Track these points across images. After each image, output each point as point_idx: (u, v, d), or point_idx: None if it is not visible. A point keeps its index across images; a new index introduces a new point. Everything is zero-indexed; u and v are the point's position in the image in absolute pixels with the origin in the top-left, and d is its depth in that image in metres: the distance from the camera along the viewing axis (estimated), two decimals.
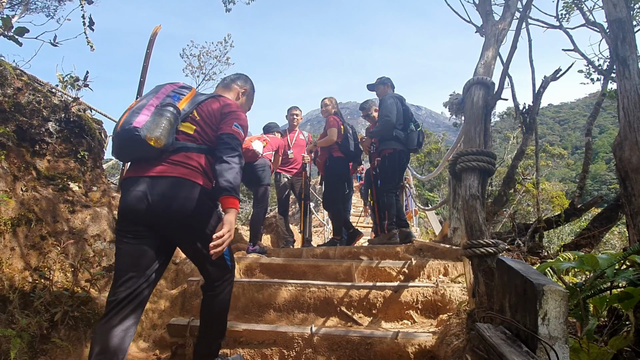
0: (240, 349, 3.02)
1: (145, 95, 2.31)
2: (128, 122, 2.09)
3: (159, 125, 2.08)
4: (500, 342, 1.08)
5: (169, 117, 2.14)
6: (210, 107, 2.39)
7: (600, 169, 40.54)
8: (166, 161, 2.16)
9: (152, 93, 2.31)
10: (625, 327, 1.39)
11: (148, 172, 2.12)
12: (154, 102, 2.21)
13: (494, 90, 2.52)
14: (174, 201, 2.10)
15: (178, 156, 2.19)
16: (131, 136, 2.05)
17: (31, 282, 2.71)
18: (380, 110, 5.38)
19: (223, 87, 2.75)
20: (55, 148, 3.37)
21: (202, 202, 2.18)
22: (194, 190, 2.16)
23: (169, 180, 2.11)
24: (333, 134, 5.68)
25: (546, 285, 1.03)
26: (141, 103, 2.20)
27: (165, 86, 2.40)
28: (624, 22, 1.94)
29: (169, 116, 2.14)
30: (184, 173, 2.16)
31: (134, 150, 2.12)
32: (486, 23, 2.88)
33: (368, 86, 5.95)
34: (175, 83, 2.46)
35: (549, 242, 8.97)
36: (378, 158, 5.63)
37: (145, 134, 2.05)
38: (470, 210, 2.19)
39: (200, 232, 2.22)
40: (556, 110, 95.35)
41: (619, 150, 1.80)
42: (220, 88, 2.75)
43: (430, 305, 3.55)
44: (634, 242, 1.64)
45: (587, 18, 4.64)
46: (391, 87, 5.75)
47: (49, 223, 2.99)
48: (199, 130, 2.32)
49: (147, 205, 2.09)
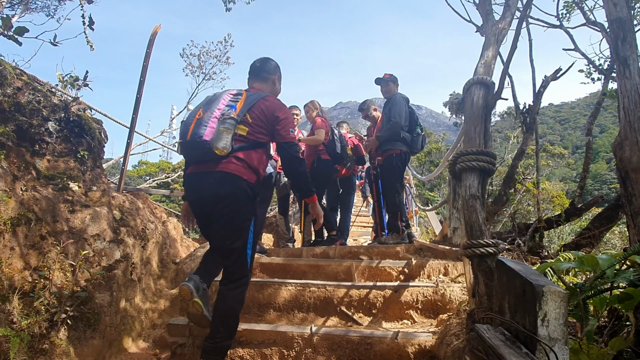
0: (240, 348, 3.02)
1: (206, 105, 2.74)
2: (197, 134, 2.58)
3: (223, 138, 2.57)
4: (499, 343, 1.07)
5: (230, 129, 2.60)
6: (259, 109, 2.76)
7: (600, 168, 40.50)
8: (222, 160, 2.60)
9: (213, 103, 2.74)
10: (625, 327, 1.38)
11: (208, 169, 2.61)
12: (216, 114, 2.64)
13: (494, 90, 2.52)
14: (220, 191, 2.58)
15: (231, 156, 2.62)
16: (202, 147, 2.56)
17: (31, 281, 2.71)
18: (393, 110, 5.36)
19: (259, 81, 3.03)
20: (55, 148, 3.37)
21: (243, 192, 2.63)
22: (238, 184, 2.61)
23: (221, 175, 2.59)
24: (321, 134, 5.67)
25: (546, 286, 1.03)
26: (206, 115, 2.65)
27: (223, 96, 2.79)
28: (625, 22, 1.93)
29: (230, 128, 2.60)
30: (233, 169, 2.61)
31: (202, 155, 2.62)
32: (486, 23, 2.87)
33: (376, 80, 5.91)
34: (230, 91, 2.86)
35: (549, 242, 8.95)
36: (379, 157, 5.61)
37: (213, 145, 2.54)
38: (470, 210, 2.19)
39: (235, 217, 2.63)
40: (557, 109, 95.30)
41: (619, 150, 1.79)
42: (255, 81, 3.03)
43: (430, 305, 3.55)
44: (634, 242, 1.64)
45: (588, 17, 4.63)
46: (397, 86, 5.75)
47: (49, 223, 2.99)
48: (250, 130, 2.71)
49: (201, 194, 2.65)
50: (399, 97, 5.42)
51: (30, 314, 2.57)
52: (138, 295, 3.54)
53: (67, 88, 3.87)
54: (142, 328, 3.44)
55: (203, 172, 2.64)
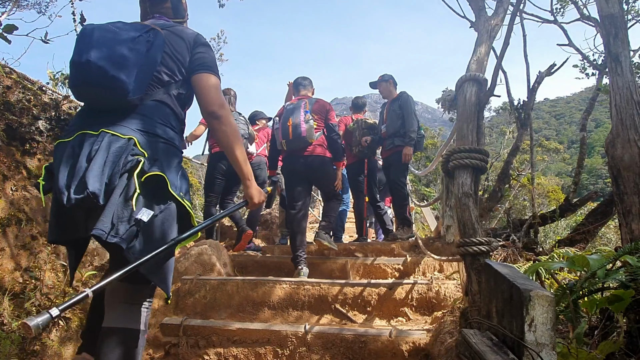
0: (234, 347, 3.01)
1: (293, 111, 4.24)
2: (298, 132, 4.14)
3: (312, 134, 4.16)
4: (486, 349, 1.06)
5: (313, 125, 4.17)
6: (318, 107, 4.34)
7: (596, 162, 40.62)
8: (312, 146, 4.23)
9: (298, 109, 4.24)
10: (616, 329, 1.37)
11: (304, 153, 4.23)
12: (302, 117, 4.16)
13: (486, 86, 2.50)
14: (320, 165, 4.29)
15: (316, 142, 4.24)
16: (304, 141, 4.15)
17: (22, 282, 2.69)
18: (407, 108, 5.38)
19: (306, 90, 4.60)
20: (46, 147, 3.34)
21: (329, 165, 4.38)
22: (326, 160, 4.34)
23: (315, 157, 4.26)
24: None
25: (533, 290, 1.01)
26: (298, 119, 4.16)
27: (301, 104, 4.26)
28: (616, 18, 1.92)
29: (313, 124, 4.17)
30: (321, 152, 4.28)
31: (300, 144, 4.19)
32: (479, 19, 2.85)
33: (371, 84, 5.89)
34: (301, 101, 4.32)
35: (545, 237, 8.97)
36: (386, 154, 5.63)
37: (309, 139, 4.15)
38: (463, 208, 2.18)
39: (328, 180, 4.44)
40: (552, 104, 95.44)
41: (611, 148, 1.78)
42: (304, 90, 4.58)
43: (424, 303, 3.55)
44: (626, 241, 1.63)
45: (582, 12, 4.61)
46: (396, 84, 5.74)
47: (40, 223, 2.97)
48: (318, 122, 4.28)
49: (304, 167, 4.25)
50: (409, 96, 5.45)
51: (21, 315, 2.55)
52: None
53: (58, 86, 3.83)
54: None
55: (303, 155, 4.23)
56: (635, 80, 1.83)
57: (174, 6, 2.21)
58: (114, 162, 1.65)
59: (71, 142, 1.73)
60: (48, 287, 2.76)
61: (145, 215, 1.64)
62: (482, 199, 4.47)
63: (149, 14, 2.16)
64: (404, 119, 5.33)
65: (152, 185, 1.70)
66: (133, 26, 1.87)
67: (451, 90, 2.99)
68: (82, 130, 1.74)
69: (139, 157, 1.68)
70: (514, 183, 8.84)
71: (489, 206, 4.51)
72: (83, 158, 1.65)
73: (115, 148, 1.67)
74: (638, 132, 1.71)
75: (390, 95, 5.64)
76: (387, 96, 5.69)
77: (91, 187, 1.57)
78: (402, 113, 5.36)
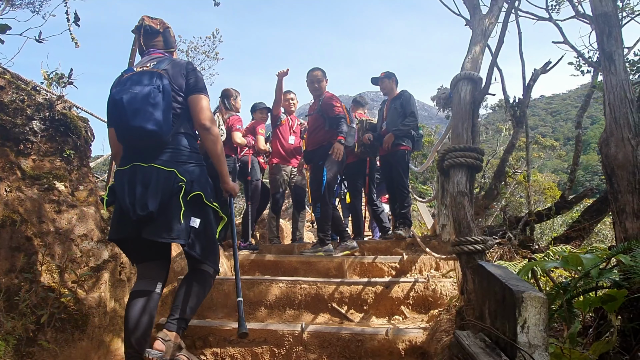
0: (231, 347, 3.01)
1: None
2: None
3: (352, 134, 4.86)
4: (478, 351, 1.06)
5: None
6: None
7: (592, 159, 40.69)
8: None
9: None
10: (610, 328, 1.38)
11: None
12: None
13: (481, 85, 2.50)
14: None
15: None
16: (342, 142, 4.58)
17: (16, 284, 2.67)
18: (408, 106, 5.39)
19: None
20: (40, 147, 3.31)
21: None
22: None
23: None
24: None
25: (525, 292, 1.01)
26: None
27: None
28: (610, 17, 1.92)
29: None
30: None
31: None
32: (473, 17, 2.84)
33: (372, 80, 5.87)
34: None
35: (542, 234, 9.00)
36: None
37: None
38: (458, 207, 2.18)
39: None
40: (548, 101, 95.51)
41: (605, 147, 1.78)
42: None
43: (421, 301, 3.55)
44: (620, 239, 1.63)
45: (577, 10, 4.61)
46: (397, 82, 5.73)
47: (35, 224, 2.95)
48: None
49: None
50: (411, 95, 5.46)
51: (16, 316, 2.54)
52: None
53: (52, 86, 3.80)
54: None
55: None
56: (629, 79, 1.83)
57: (165, 39, 2.74)
58: (164, 188, 2.29)
59: (128, 170, 2.37)
60: (43, 288, 2.74)
61: (195, 223, 2.37)
62: (479, 197, 4.47)
63: (145, 47, 2.70)
64: (406, 117, 5.34)
65: (195, 201, 2.37)
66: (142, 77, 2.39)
67: (446, 88, 2.99)
68: (135, 162, 2.36)
69: (181, 184, 2.32)
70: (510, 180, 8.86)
71: (485, 204, 4.51)
72: (139, 184, 2.29)
73: (162, 178, 2.31)
74: (632, 130, 1.71)
75: (391, 93, 5.64)
76: (388, 93, 5.69)
77: (151, 207, 2.23)
78: (403, 111, 5.37)
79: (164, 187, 2.30)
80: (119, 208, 2.38)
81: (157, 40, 2.70)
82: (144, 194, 2.26)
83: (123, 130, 2.36)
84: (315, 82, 4.99)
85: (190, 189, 2.35)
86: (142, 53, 2.72)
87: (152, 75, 2.38)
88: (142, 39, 2.68)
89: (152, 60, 2.56)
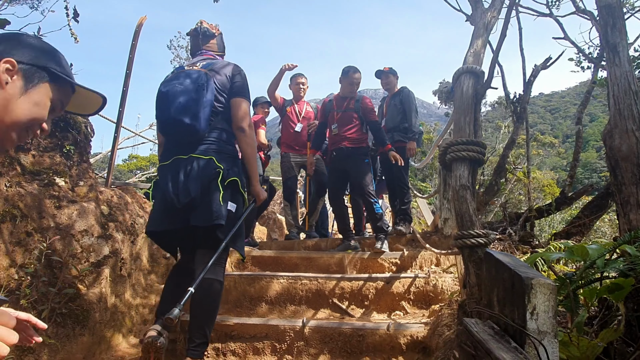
0: (232, 342, 3.01)
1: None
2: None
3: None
4: (488, 337, 1.05)
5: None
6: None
7: (591, 157, 40.80)
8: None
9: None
10: (616, 318, 1.38)
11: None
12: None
13: (483, 79, 2.49)
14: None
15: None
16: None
17: (17, 279, 2.67)
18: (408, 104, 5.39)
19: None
20: (40, 142, 3.30)
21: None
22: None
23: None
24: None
25: (535, 278, 1.01)
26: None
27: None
28: (614, 8, 1.91)
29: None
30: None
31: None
32: (475, 11, 2.84)
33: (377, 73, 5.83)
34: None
35: (541, 231, 9.01)
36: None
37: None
38: (461, 200, 2.17)
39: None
40: (547, 99, 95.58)
41: (609, 139, 1.78)
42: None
43: (422, 296, 3.55)
44: (624, 231, 1.63)
45: (577, 5, 4.60)
46: (397, 79, 5.72)
47: (35, 219, 2.94)
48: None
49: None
50: (410, 92, 5.45)
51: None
52: (128, 291, 3.50)
53: None
54: (133, 324, 3.41)
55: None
56: (633, 71, 1.83)
57: (218, 43, 2.96)
58: (204, 175, 2.46)
59: (169, 164, 2.55)
60: (44, 284, 2.73)
61: (232, 207, 2.51)
62: (479, 193, 4.46)
63: (199, 47, 2.89)
64: (405, 113, 5.33)
65: (232, 186, 2.53)
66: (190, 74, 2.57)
67: (448, 82, 2.99)
68: (176, 156, 2.54)
69: (218, 170, 2.47)
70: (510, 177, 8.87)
71: (485, 200, 4.51)
72: (182, 174, 2.46)
73: (202, 166, 2.48)
74: (636, 122, 1.71)
75: (392, 89, 5.63)
76: (389, 89, 5.67)
77: (193, 193, 2.40)
78: (402, 108, 5.36)
79: (204, 174, 2.46)
80: (164, 200, 2.51)
81: (212, 43, 2.92)
82: (186, 182, 2.43)
83: (164, 121, 2.56)
84: (355, 84, 4.88)
85: (227, 174, 2.50)
86: (194, 54, 2.93)
87: (199, 74, 2.56)
88: (198, 40, 2.90)
89: (203, 61, 2.75)
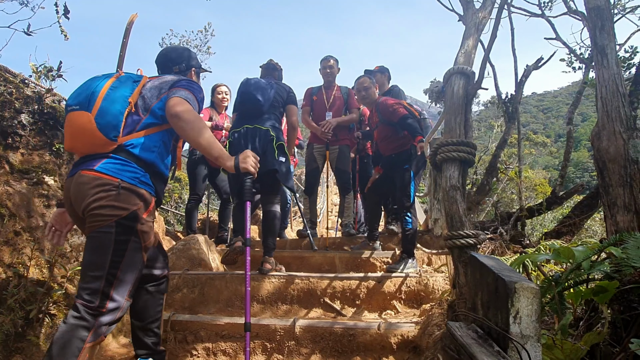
0: (223, 342, 2.99)
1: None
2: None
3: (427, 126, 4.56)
4: (471, 341, 1.05)
5: None
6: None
7: (582, 156, 41.05)
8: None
9: None
10: (601, 320, 1.38)
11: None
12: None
13: (474, 79, 2.50)
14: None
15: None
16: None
17: (5, 279, 2.64)
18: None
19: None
20: (29, 141, 3.27)
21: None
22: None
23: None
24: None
25: (518, 282, 1.01)
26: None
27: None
28: (603, 10, 1.92)
29: None
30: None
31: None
32: (466, 11, 2.84)
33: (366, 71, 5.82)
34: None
35: (532, 229, 9.06)
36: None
37: None
38: (451, 201, 2.18)
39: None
40: (540, 98, 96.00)
41: (597, 141, 1.79)
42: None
43: (413, 295, 3.56)
44: (611, 232, 1.64)
45: (569, 6, 4.63)
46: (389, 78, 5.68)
47: (23, 218, 2.91)
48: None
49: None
50: (400, 90, 5.40)
51: (4, 312, 2.51)
52: None
53: (41, 79, 3.75)
54: (123, 324, 3.38)
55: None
56: (621, 73, 1.84)
57: (279, 75, 4.32)
58: (265, 139, 3.75)
59: (240, 131, 3.83)
60: (32, 283, 2.71)
61: (283, 159, 3.80)
62: (471, 193, 4.49)
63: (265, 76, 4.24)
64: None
65: (280, 147, 3.79)
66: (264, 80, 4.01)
67: (439, 82, 2.99)
68: (245, 125, 3.83)
69: (272, 136, 3.78)
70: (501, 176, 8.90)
71: (477, 199, 4.53)
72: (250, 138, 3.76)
73: (262, 133, 3.77)
74: (623, 124, 1.72)
75: (382, 88, 5.62)
76: (379, 88, 5.66)
77: (260, 150, 3.66)
78: None
79: (264, 138, 3.74)
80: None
81: (274, 74, 4.26)
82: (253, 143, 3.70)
83: (245, 98, 3.86)
84: (363, 90, 4.40)
85: (277, 139, 3.78)
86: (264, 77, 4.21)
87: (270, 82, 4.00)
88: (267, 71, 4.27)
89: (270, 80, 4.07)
